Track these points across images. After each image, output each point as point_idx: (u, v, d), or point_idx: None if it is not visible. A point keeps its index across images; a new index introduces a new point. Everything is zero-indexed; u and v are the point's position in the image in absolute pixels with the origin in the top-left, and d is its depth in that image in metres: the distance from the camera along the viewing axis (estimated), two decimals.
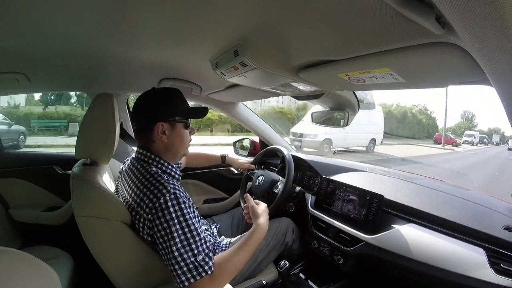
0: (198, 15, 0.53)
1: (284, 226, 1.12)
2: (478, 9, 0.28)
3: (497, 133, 34.99)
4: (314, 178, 1.27)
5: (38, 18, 0.58)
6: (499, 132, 39.94)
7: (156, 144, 0.81)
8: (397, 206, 0.92)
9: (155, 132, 0.79)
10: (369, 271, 0.99)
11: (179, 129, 0.83)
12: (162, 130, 0.79)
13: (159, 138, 0.80)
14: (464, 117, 47.16)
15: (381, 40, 0.47)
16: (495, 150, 18.82)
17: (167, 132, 0.80)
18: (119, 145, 0.95)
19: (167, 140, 0.81)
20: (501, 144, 30.67)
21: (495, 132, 38.77)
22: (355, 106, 1.08)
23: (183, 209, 0.69)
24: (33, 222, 1.33)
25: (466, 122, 44.57)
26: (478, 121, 69.21)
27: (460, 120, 47.30)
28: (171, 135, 0.81)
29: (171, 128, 0.81)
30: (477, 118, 51.56)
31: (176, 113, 0.82)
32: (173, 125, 0.81)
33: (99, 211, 0.74)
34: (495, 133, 35.27)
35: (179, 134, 0.83)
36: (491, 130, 40.08)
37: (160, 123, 0.79)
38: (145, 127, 0.81)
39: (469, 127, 40.91)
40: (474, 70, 0.45)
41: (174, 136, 0.82)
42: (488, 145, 25.03)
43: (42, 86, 1.34)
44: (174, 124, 0.82)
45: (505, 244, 0.70)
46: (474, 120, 46.09)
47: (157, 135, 0.80)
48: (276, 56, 0.66)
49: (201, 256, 0.66)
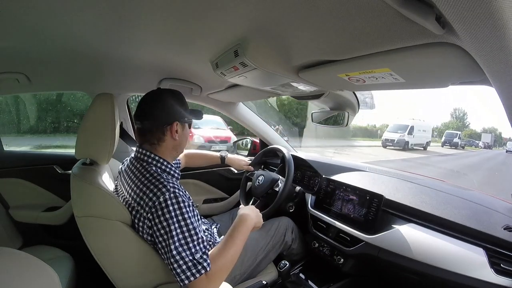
0: (198, 16, 0.53)
1: (284, 226, 1.12)
2: (478, 9, 0.28)
3: (491, 133, 30.24)
4: (314, 178, 1.27)
5: (38, 18, 0.58)
6: (495, 133, 35.67)
7: (166, 143, 0.83)
8: (397, 206, 0.92)
9: (169, 131, 0.82)
10: (369, 271, 0.99)
11: (187, 129, 0.88)
12: (176, 129, 0.83)
13: (171, 137, 0.83)
14: (454, 115, 43.28)
15: (381, 40, 0.47)
16: (476, 157, 13.97)
17: (179, 132, 0.84)
18: (119, 145, 0.95)
19: (178, 139, 0.84)
20: (495, 146, 26.05)
21: (489, 132, 34.50)
22: (355, 106, 1.08)
23: (182, 208, 0.69)
24: (33, 222, 1.33)
25: (456, 121, 41.30)
26: (471, 120, 64.07)
27: (450, 119, 43.86)
28: (182, 134, 0.85)
29: (182, 128, 0.85)
30: (469, 117, 47.96)
31: (187, 113, 0.87)
32: (184, 125, 0.86)
33: (99, 211, 0.74)
34: (484, 133, 30.17)
35: (186, 133, 0.88)
36: (485, 130, 37.05)
37: (176, 122, 0.82)
38: (158, 126, 0.82)
39: (458, 127, 37.89)
40: (474, 70, 0.45)
41: (183, 136, 0.86)
42: (466, 149, 20.30)
43: (42, 86, 1.34)
44: (184, 124, 0.86)
45: (505, 244, 0.69)
46: (466, 119, 42.61)
47: (170, 134, 0.82)
48: (276, 56, 0.66)
49: (199, 254, 0.67)
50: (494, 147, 26.97)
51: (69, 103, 6.11)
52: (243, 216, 0.82)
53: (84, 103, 4.98)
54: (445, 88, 0.60)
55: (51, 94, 5.66)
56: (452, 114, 43.41)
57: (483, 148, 24.10)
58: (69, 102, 6.05)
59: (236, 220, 0.81)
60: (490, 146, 25.40)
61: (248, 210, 0.85)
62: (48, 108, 6.09)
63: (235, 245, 0.74)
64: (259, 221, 0.87)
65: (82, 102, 5.42)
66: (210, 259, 0.69)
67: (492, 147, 25.98)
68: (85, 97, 4.49)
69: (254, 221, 0.83)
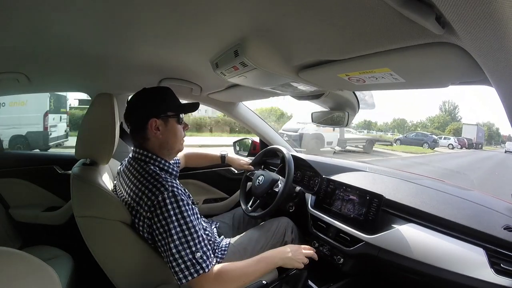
0: (198, 15, 0.53)
1: (283, 225, 1.12)
2: (478, 9, 0.28)
3: (477, 125, 21.97)
4: (314, 178, 1.27)
5: (38, 18, 0.58)
6: (492, 129, 30.62)
7: (151, 141, 0.82)
8: (397, 206, 0.92)
9: (149, 129, 0.80)
10: (369, 271, 0.99)
11: (172, 125, 0.84)
12: (155, 126, 0.81)
13: (153, 135, 0.81)
14: (443, 109, 36.47)
15: (381, 40, 0.47)
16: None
17: (161, 128, 0.82)
18: (119, 145, 0.95)
19: (162, 136, 0.82)
20: (491, 144, 19.97)
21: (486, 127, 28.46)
22: (355, 106, 1.08)
23: (181, 207, 0.69)
24: (33, 222, 1.33)
25: (445, 115, 35.25)
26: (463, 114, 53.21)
27: (439, 112, 37.11)
28: (165, 131, 0.83)
29: (164, 124, 0.82)
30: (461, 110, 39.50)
31: (169, 108, 0.84)
32: (166, 120, 0.83)
33: (99, 211, 0.74)
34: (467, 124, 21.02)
35: (173, 129, 0.84)
36: (481, 126, 30.07)
37: (153, 119, 0.80)
38: (139, 126, 0.82)
39: (446, 122, 32.84)
40: (474, 70, 0.45)
41: (167, 132, 0.83)
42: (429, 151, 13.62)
43: (42, 86, 1.34)
44: (167, 120, 0.83)
45: (505, 244, 0.69)
46: (458, 112, 36.01)
47: (151, 132, 0.81)
48: (276, 56, 0.66)
49: (199, 253, 0.67)
50: (489, 145, 21.13)
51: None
52: (279, 248, 0.85)
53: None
54: (445, 88, 0.60)
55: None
56: (441, 107, 36.94)
57: (455, 148, 15.72)
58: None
59: (275, 250, 0.84)
60: (475, 143, 17.56)
61: (288, 247, 0.85)
62: None
63: (251, 266, 0.75)
64: (296, 258, 0.82)
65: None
66: (225, 266, 0.71)
67: (482, 145, 18.73)
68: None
69: (284, 256, 0.81)
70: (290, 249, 0.84)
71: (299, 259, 0.83)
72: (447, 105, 36.40)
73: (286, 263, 0.82)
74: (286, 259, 0.81)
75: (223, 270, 0.70)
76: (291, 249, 0.84)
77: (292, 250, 0.83)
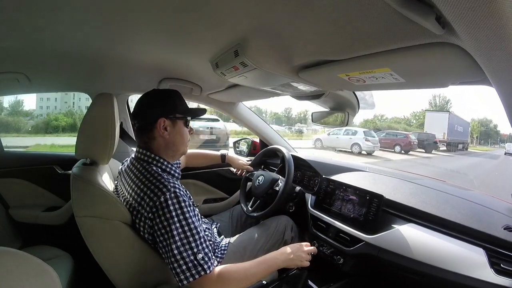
0: (198, 16, 0.53)
1: (283, 224, 1.12)
2: (479, 10, 0.28)
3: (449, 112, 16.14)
4: (314, 178, 1.27)
5: (38, 18, 0.59)
6: (489, 126, 27.29)
7: (157, 141, 0.83)
8: (397, 206, 0.92)
9: (157, 128, 0.81)
10: (369, 271, 0.99)
11: (179, 126, 0.85)
12: (164, 126, 0.82)
13: (160, 134, 0.82)
14: (433, 103, 31.98)
15: (381, 40, 0.47)
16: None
17: (169, 129, 0.83)
18: (119, 145, 0.95)
19: (168, 137, 0.83)
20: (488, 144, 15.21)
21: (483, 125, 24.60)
22: (355, 106, 1.08)
23: (183, 208, 0.69)
24: (33, 222, 1.33)
25: (434, 110, 29.22)
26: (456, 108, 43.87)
27: (428, 107, 32.40)
28: (172, 131, 0.84)
29: (172, 125, 0.83)
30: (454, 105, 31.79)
31: (177, 110, 0.85)
32: (174, 122, 0.84)
33: (99, 211, 0.74)
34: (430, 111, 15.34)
35: (180, 131, 0.85)
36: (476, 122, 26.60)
37: (162, 119, 0.81)
38: (146, 124, 0.82)
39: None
40: (474, 70, 0.45)
41: (175, 133, 0.84)
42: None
43: (42, 86, 1.34)
44: (175, 121, 0.84)
45: (505, 244, 0.69)
46: (450, 107, 30.97)
47: (159, 131, 0.82)
48: (276, 56, 0.66)
49: (201, 255, 0.67)
50: (485, 145, 16.61)
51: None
52: (280, 250, 0.85)
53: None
54: (445, 88, 0.60)
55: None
56: (431, 101, 32.51)
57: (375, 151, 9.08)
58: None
59: (276, 252, 0.84)
60: (447, 143, 11.56)
61: (289, 247, 0.85)
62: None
63: (253, 268, 0.75)
64: (298, 258, 0.83)
65: None
66: (226, 267, 0.71)
67: (465, 144, 12.93)
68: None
69: (286, 258, 0.82)
70: (291, 249, 0.84)
71: (302, 258, 0.84)
72: (437, 99, 32.02)
73: (289, 264, 0.82)
74: (288, 261, 0.82)
75: (225, 271, 0.70)
76: (292, 249, 0.84)
77: (293, 250, 0.84)
